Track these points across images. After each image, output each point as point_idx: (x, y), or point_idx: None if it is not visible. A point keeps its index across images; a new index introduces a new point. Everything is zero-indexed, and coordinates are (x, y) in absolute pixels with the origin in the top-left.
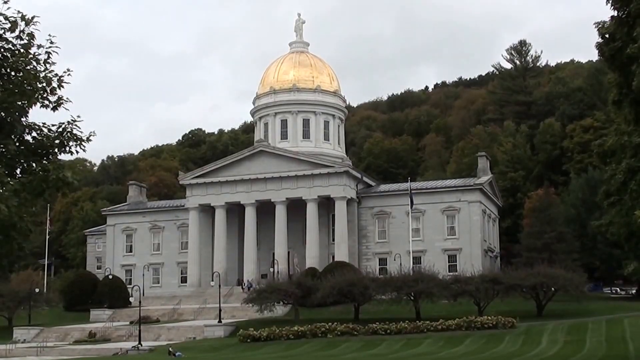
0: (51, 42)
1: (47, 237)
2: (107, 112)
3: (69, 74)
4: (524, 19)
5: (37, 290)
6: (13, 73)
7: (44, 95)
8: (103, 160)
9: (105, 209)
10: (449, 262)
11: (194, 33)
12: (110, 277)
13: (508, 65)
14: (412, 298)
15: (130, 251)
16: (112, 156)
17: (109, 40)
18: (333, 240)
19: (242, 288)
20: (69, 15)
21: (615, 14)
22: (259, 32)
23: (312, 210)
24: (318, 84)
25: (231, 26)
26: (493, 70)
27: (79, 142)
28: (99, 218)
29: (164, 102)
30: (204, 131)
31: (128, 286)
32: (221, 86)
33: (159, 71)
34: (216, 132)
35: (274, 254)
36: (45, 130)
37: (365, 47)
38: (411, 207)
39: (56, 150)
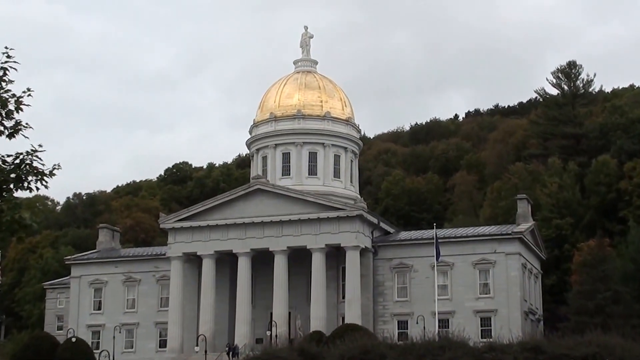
0: (8, 57)
1: None
2: (76, 140)
3: (29, 95)
4: (573, 36)
5: None
6: None
7: None
8: (69, 198)
9: (69, 257)
10: (481, 326)
11: (182, 49)
12: (74, 339)
13: (554, 91)
14: None
15: (99, 308)
16: (80, 194)
17: (83, 55)
18: (343, 298)
19: (227, 354)
20: (35, 25)
21: None
22: (258, 49)
23: (318, 262)
24: (327, 110)
25: (225, 42)
26: (536, 97)
27: (39, 176)
28: (62, 268)
29: (144, 130)
30: (191, 165)
31: (95, 351)
32: (212, 112)
33: (139, 93)
34: (205, 167)
35: (271, 314)
36: None
37: (384, 68)
38: (437, 260)
39: (11, 186)
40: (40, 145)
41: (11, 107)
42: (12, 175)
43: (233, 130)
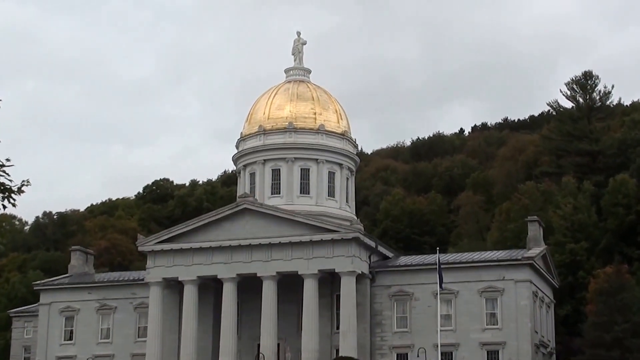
0: None
1: None
2: (47, 155)
3: None
4: (589, 45)
5: None
6: None
7: None
8: (38, 217)
9: (38, 282)
10: (488, 359)
11: (163, 56)
12: None
13: (568, 104)
14: None
15: (70, 339)
16: (50, 213)
17: (55, 62)
18: (338, 328)
19: None
20: (3, 29)
21: None
22: (246, 56)
23: (310, 289)
24: (322, 123)
25: (210, 48)
26: (548, 110)
27: (6, 193)
28: (30, 294)
29: (121, 144)
30: (172, 182)
31: None
32: (196, 124)
33: (116, 104)
34: (188, 184)
35: (259, 345)
36: None
37: (383, 78)
38: (440, 287)
39: None
40: (7, 160)
41: None
42: None
43: (218, 145)
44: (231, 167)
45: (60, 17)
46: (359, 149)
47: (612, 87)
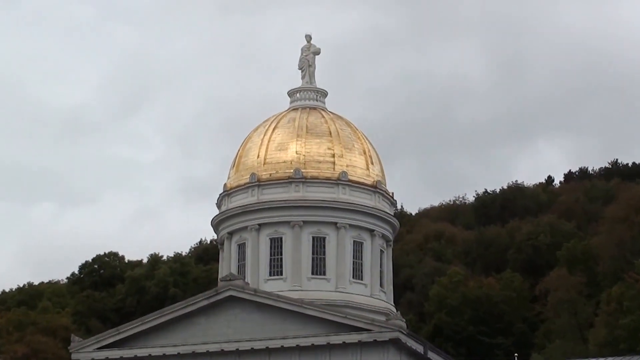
0: None
1: None
2: None
3: None
4: None
5: None
6: None
7: None
8: None
9: None
10: None
11: (109, 72)
12: None
13: None
14: None
15: None
16: None
17: None
18: None
19: None
20: None
21: None
22: (231, 72)
23: None
24: (343, 170)
25: (179, 60)
26: None
27: None
28: None
29: (49, 203)
30: (122, 258)
31: None
32: (157, 172)
33: (43, 143)
34: (145, 261)
35: None
36: None
37: (433, 104)
38: None
39: None
40: None
41: None
42: None
43: (190, 203)
44: (210, 235)
45: None
46: (399, 207)
47: None
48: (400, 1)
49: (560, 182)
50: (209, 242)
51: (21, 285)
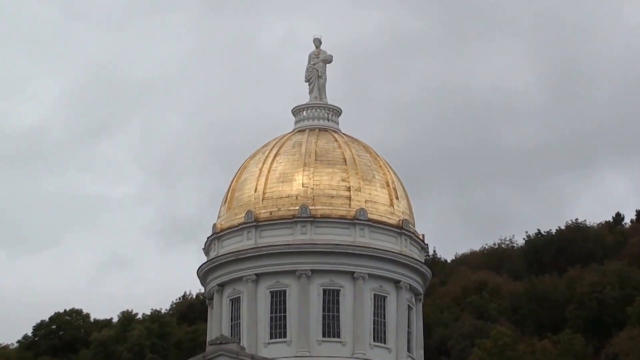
0: None
1: None
2: None
3: None
4: None
5: None
6: None
7: None
8: None
9: None
10: None
11: (70, 84)
12: None
13: None
14: None
15: None
16: None
17: None
18: None
19: None
20: None
21: None
22: (221, 84)
23: None
24: (361, 207)
25: (156, 67)
26: None
27: None
28: None
29: (2, 250)
30: (87, 316)
31: None
32: (129, 210)
33: None
34: (115, 320)
35: None
36: None
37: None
38: None
39: None
40: None
41: None
42: None
43: (171, 247)
44: (196, 287)
45: None
46: (431, 252)
47: None
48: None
49: (630, 221)
50: (194, 296)
51: None
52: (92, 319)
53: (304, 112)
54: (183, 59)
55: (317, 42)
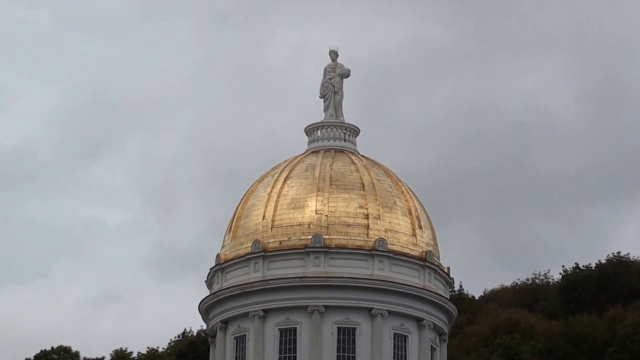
0: None
1: None
2: None
3: None
4: None
5: None
6: None
7: None
8: None
9: None
10: None
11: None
12: None
13: None
14: None
15: None
16: None
17: None
18: None
19: None
20: None
21: None
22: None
23: None
24: (381, 237)
25: (161, 91)
26: None
27: None
28: None
29: None
30: (77, 354)
31: None
32: (126, 238)
33: None
34: (108, 358)
35: None
36: None
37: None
38: None
39: None
40: None
41: None
42: None
43: (169, 279)
44: (197, 324)
45: None
46: (458, 288)
47: None
48: (459, 9)
49: None
50: (195, 334)
51: None
52: (82, 358)
53: (318, 132)
54: (185, 73)
55: (334, 54)
